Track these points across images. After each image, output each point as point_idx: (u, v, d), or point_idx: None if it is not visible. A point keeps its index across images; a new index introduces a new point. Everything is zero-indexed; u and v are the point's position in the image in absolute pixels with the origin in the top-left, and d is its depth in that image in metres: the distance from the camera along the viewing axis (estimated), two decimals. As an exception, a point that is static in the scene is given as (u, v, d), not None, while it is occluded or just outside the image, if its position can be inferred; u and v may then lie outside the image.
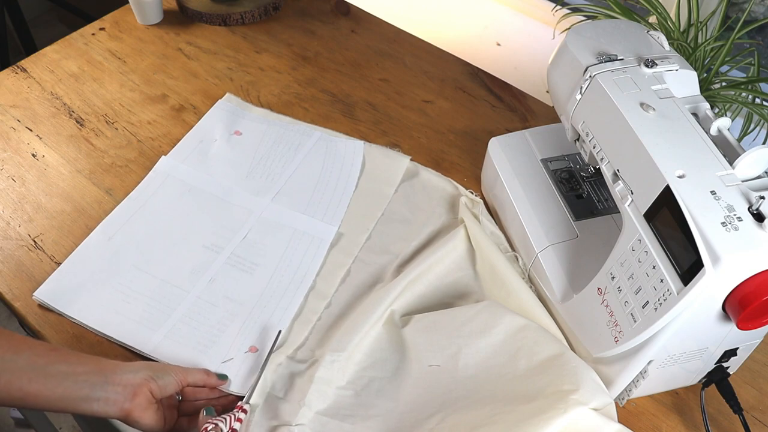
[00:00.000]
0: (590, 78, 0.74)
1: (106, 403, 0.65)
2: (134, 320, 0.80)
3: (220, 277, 0.85)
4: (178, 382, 0.70)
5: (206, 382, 0.74)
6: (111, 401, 0.65)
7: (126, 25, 1.19)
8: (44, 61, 1.12)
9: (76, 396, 0.64)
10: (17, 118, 1.03)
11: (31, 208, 0.92)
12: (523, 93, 1.11)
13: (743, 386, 0.79)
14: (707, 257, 0.60)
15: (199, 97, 1.08)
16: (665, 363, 0.71)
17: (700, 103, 0.73)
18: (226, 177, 0.96)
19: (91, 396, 0.64)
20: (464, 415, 0.72)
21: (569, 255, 0.81)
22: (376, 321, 0.79)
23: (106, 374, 0.66)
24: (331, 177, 0.97)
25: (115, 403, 0.65)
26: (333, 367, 0.75)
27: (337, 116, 1.06)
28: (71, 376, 0.64)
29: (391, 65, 1.15)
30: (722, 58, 0.93)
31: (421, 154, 1.01)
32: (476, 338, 0.77)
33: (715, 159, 0.66)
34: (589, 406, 0.70)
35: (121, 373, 0.67)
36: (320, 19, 1.23)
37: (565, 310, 0.79)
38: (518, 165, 0.89)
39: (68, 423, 1.57)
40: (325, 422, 0.72)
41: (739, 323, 0.62)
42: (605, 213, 0.85)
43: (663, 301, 0.64)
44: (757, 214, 0.62)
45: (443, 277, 0.85)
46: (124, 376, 0.66)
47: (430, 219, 0.92)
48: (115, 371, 0.66)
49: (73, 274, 0.84)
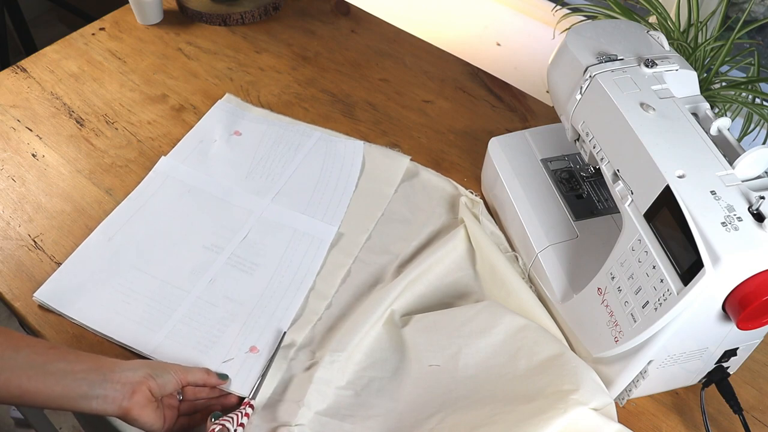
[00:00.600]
0: (590, 78, 0.74)
1: (104, 401, 0.65)
2: (134, 321, 0.80)
3: (220, 277, 0.85)
4: (177, 380, 0.70)
5: (206, 381, 0.73)
6: (109, 399, 0.65)
7: (126, 25, 1.19)
8: (44, 61, 1.12)
9: (74, 394, 0.64)
10: (17, 118, 1.03)
11: (31, 208, 0.92)
12: (523, 93, 1.11)
13: (743, 386, 0.79)
14: (707, 257, 0.60)
15: (199, 97, 1.08)
16: (665, 363, 0.71)
17: (700, 103, 0.73)
18: (226, 177, 0.96)
19: (89, 394, 0.64)
20: (464, 415, 0.72)
21: (569, 255, 0.81)
22: (376, 321, 0.79)
23: (104, 372, 0.66)
24: (331, 177, 0.96)
25: (114, 401, 0.65)
26: (332, 368, 0.75)
27: (337, 116, 1.06)
28: (70, 374, 0.64)
29: (391, 65, 1.15)
30: (722, 58, 0.93)
31: (421, 154, 1.01)
32: (476, 338, 0.77)
33: (715, 159, 0.66)
34: (589, 406, 0.70)
35: (119, 371, 0.66)
36: (320, 19, 1.23)
37: (565, 310, 0.79)
38: (518, 165, 0.89)
39: (68, 423, 1.57)
40: (324, 422, 0.72)
41: (739, 323, 0.62)
42: (605, 213, 0.85)
43: (663, 301, 0.64)
44: (757, 214, 0.62)
45: (443, 277, 0.85)
46: (123, 374, 0.66)
47: (430, 219, 0.92)
48: (114, 369, 0.66)
49: (73, 275, 0.84)
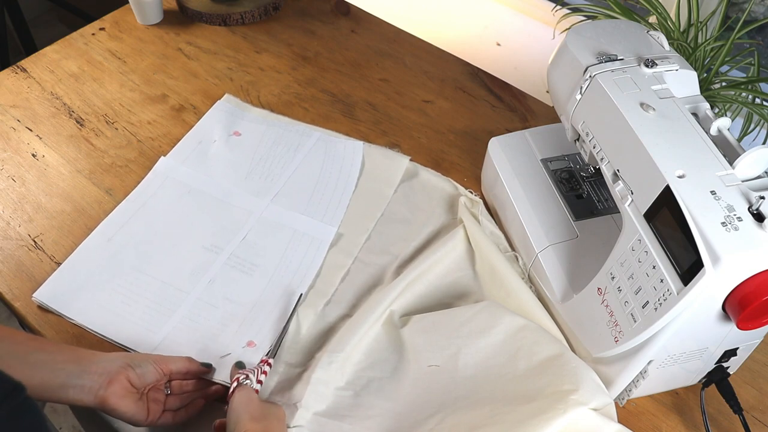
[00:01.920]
0: (590, 78, 0.74)
1: (81, 391, 0.65)
2: (134, 322, 0.80)
3: (220, 278, 0.85)
4: (158, 370, 0.70)
5: (189, 369, 0.73)
6: (86, 389, 0.65)
7: (126, 25, 1.19)
8: (44, 61, 1.12)
9: (53, 384, 0.64)
10: (17, 118, 1.03)
11: (31, 208, 0.92)
12: (523, 93, 1.11)
13: (743, 386, 0.79)
14: (707, 257, 0.60)
15: (199, 97, 1.08)
16: (665, 363, 0.71)
17: (700, 103, 0.73)
18: (226, 178, 0.96)
19: (67, 383, 0.65)
20: (464, 415, 0.72)
21: (569, 255, 0.81)
22: (375, 321, 0.79)
23: (82, 363, 0.66)
24: (331, 177, 0.96)
25: (90, 391, 0.65)
26: (330, 368, 0.75)
27: (337, 116, 1.06)
28: (49, 364, 0.65)
29: (391, 65, 1.15)
30: (722, 58, 0.93)
31: (421, 154, 1.01)
32: (476, 338, 0.77)
33: (715, 159, 0.66)
34: (588, 407, 0.70)
35: (97, 361, 0.67)
36: (320, 19, 1.23)
37: (565, 310, 0.79)
38: (518, 165, 0.89)
39: (68, 423, 1.57)
40: (323, 423, 0.72)
41: (739, 323, 0.62)
42: (605, 213, 0.84)
43: (663, 301, 0.64)
44: (757, 214, 0.62)
45: (443, 278, 0.85)
46: (101, 365, 0.67)
47: (430, 219, 0.92)
48: (92, 360, 0.67)
49: (72, 276, 0.84)
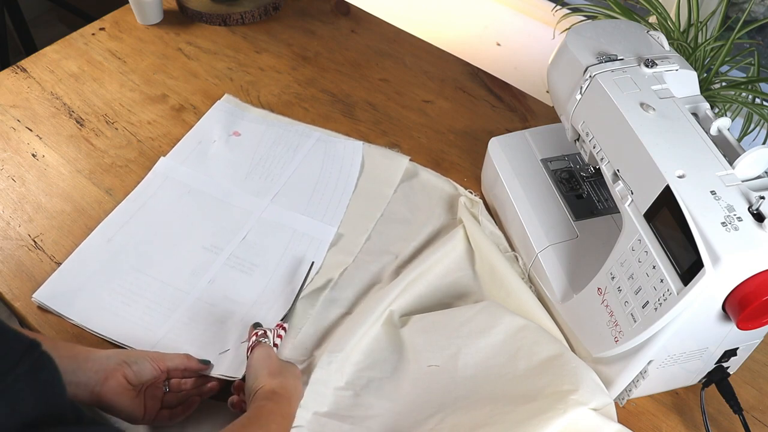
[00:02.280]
0: (590, 78, 0.74)
1: (76, 387, 0.65)
2: (134, 322, 0.80)
3: (220, 278, 0.85)
4: (155, 367, 0.70)
5: (187, 366, 0.73)
6: (81, 385, 0.65)
7: (126, 25, 1.19)
8: (44, 61, 1.12)
9: None
10: (17, 118, 1.03)
11: (31, 208, 0.92)
12: (523, 93, 1.11)
13: (743, 386, 0.79)
14: (707, 257, 0.60)
15: (199, 97, 1.08)
16: (665, 363, 0.71)
17: (700, 103, 0.73)
18: (225, 178, 0.96)
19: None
20: (464, 415, 0.72)
21: (569, 255, 0.81)
22: (375, 321, 0.79)
23: (78, 359, 0.66)
24: (331, 178, 0.96)
25: (86, 387, 0.65)
26: (330, 368, 0.75)
27: (337, 116, 1.06)
28: None
29: (391, 65, 1.15)
30: (722, 58, 0.93)
31: (421, 154, 1.01)
32: (475, 338, 0.77)
33: (715, 159, 0.66)
34: (588, 407, 0.70)
35: (94, 358, 0.67)
36: (320, 19, 1.23)
37: (565, 310, 0.79)
38: (518, 165, 0.89)
39: (68, 423, 1.56)
40: (324, 423, 0.72)
41: (739, 323, 0.62)
42: (605, 213, 0.84)
43: (663, 301, 0.64)
44: (757, 214, 0.62)
45: (442, 278, 0.85)
46: (97, 361, 0.67)
47: (430, 219, 0.92)
48: (88, 357, 0.67)
49: (72, 276, 0.84)
